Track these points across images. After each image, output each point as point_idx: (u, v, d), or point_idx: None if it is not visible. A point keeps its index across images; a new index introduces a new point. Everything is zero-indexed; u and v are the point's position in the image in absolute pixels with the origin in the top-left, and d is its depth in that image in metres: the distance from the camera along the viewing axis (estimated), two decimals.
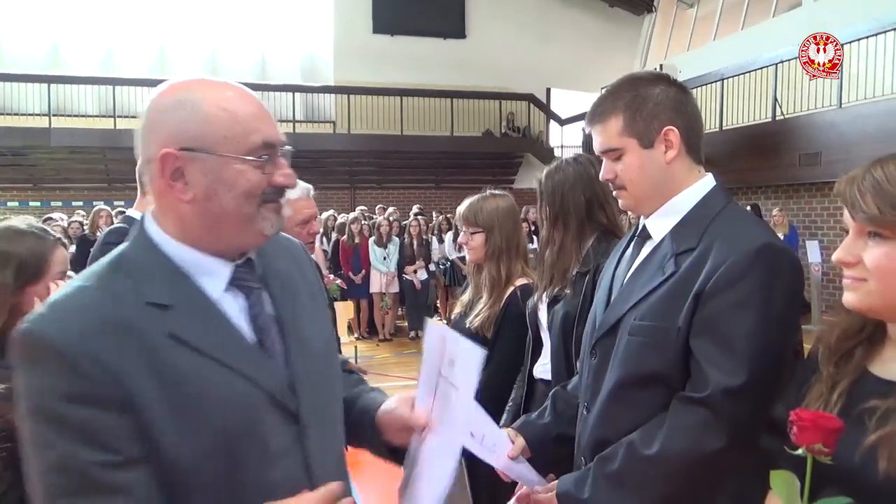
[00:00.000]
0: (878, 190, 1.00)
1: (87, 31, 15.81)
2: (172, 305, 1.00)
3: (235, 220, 1.04)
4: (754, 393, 1.25)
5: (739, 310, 1.28)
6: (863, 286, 1.02)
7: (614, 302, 1.49)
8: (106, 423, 0.92)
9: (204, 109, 1.02)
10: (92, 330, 0.94)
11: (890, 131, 8.79)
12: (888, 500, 0.98)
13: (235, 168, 1.02)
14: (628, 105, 1.45)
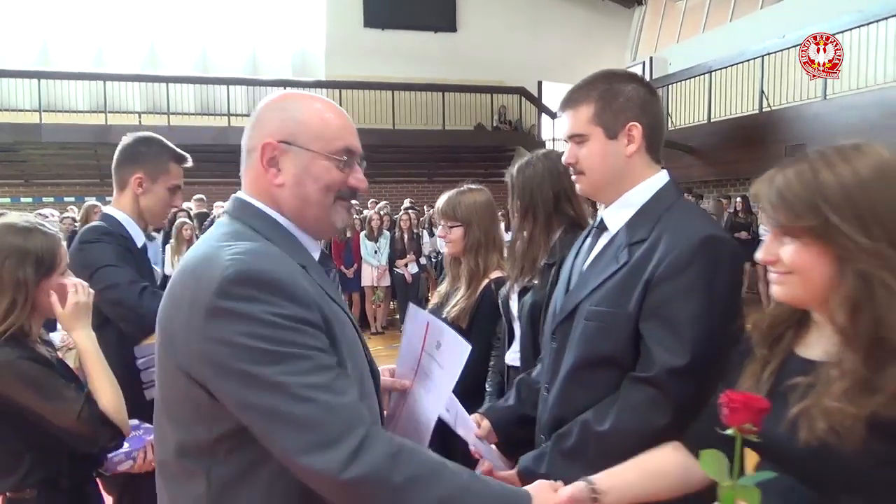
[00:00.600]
0: (780, 198, 1.08)
1: (78, 27, 15.78)
2: (307, 266, 1.20)
3: (317, 208, 1.24)
4: (697, 372, 1.35)
5: (684, 296, 1.37)
6: (788, 280, 1.10)
7: (573, 289, 1.58)
8: (323, 339, 1.11)
9: (303, 113, 1.25)
10: (293, 271, 1.13)
11: (874, 122, 8.89)
12: (809, 466, 1.07)
13: (321, 164, 1.23)
14: (601, 96, 1.54)
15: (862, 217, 1.03)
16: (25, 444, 1.74)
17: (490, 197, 2.54)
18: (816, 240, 1.05)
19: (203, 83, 15.53)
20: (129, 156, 2.37)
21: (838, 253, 1.03)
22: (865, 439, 0.98)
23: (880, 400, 0.98)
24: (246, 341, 1.04)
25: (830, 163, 1.07)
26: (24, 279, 1.73)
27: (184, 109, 15.27)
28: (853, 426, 0.98)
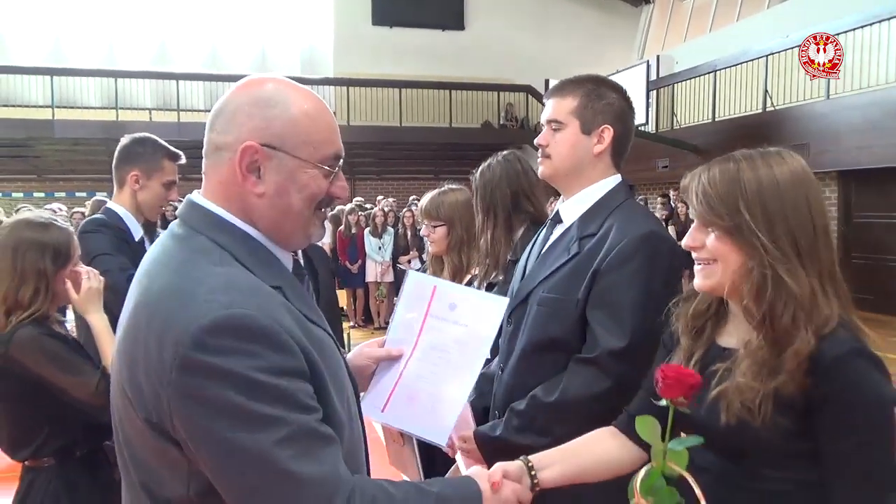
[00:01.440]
0: (704, 193, 1.20)
1: (90, 23, 16.01)
2: (282, 286, 1.05)
3: (298, 221, 1.09)
4: (635, 353, 1.48)
5: (626, 285, 1.52)
6: (710, 268, 1.22)
7: (527, 276, 1.73)
8: (307, 389, 0.98)
9: (292, 112, 1.06)
10: (274, 308, 0.99)
11: (875, 121, 8.94)
12: (731, 444, 1.19)
13: (308, 172, 1.07)
14: (586, 93, 1.69)
15: (771, 219, 1.15)
16: (44, 416, 1.92)
17: (469, 195, 2.65)
18: (731, 234, 1.17)
19: (213, 80, 15.70)
20: (125, 155, 2.59)
21: (747, 248, 1.15)
22: (773, 414, 1.10)
23: (781, 379, 1.10)
24: (224, 401, 0.91)
25: (754, 165, 1.18)
26: (45, 269, 1.91)
27: (194, 106, 15.47)
28: (762, 403, 1.10)
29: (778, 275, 1.12)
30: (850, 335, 1.11)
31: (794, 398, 1.10)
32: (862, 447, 1.09)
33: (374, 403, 1.42)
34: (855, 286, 6.02)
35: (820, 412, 1.10)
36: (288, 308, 1.02)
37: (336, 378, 1.07)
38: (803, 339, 1.09)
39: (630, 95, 1.78)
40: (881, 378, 1.10)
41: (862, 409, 1.08)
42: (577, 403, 1.52)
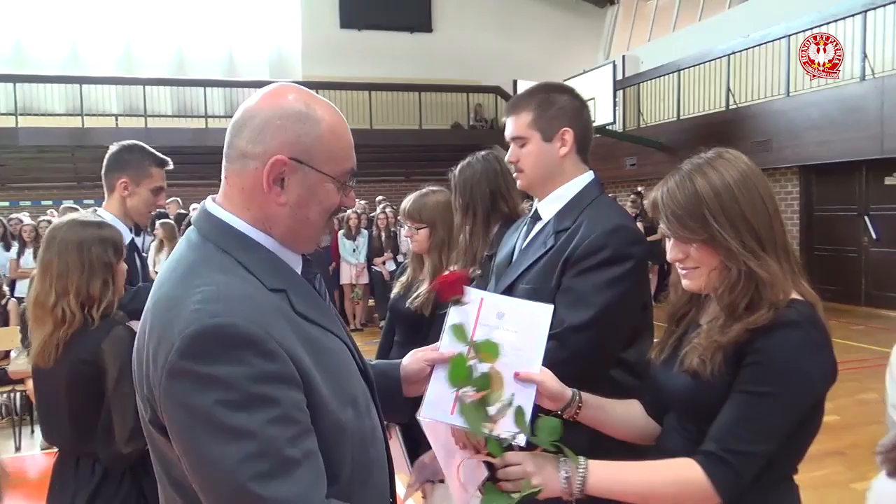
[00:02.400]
0: (674, 215, 1.31)
1: (52, 28, 15.74)
2: (286, 289, 1.09)
3: (313, 230, 1.15)
4: (594, 330, 1.60)
5: (592, 272, 1.63)
6: (695, 273, 1.33)
7: (509, 269, 1.84)
8: (293, 398, 0.98)
9: (321, 129, 1.11)
10: (264, 315, 1.00)
11: (833, 118, 9.24)
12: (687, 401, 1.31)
13: (327, 186, 1.12)
14: (538, 104, 1.79)
15: (734, 222, 1.27)
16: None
17: (449, 196, 2.72)
18: (708, 244, 1.29)
19: (180, 85, 15.57)
20: (114, 163, 2.65)
21: (723, 252, 1.28)
22: (722, 367, 1.23)
23: (731, 335, 1.24)
24: (204, 410, 0.94)
25: (705, 174, 1.30)
26: (110, 262, 2.02)
27: (161, 111, 15.32)
28: (714, 355, 1.24)
29: (750, 269, 1.25)
30: (796, 312, 1.23)
31: (734, 359, 1.23)
32: (760, 397, 1.20)
33: (441, 407, 1.41)
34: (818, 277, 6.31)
35: (744, 364, 1.22)
36: (284, 312, 1.05)
37: (339, 380, 1.09)
38: (760, 314, 1.22)
39: (597, 95, 1.88)
40: (812, 352, 1.21)
41: (777, 369, 1.20)
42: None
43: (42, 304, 1.98)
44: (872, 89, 8.74)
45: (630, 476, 1.24)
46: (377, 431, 1.18)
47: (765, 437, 1.20)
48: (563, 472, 1.22)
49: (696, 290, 1.35)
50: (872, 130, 8.63)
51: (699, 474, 1.20)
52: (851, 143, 8.94)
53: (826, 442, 4.65)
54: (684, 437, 1.32)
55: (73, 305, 1.95)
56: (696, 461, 1.21)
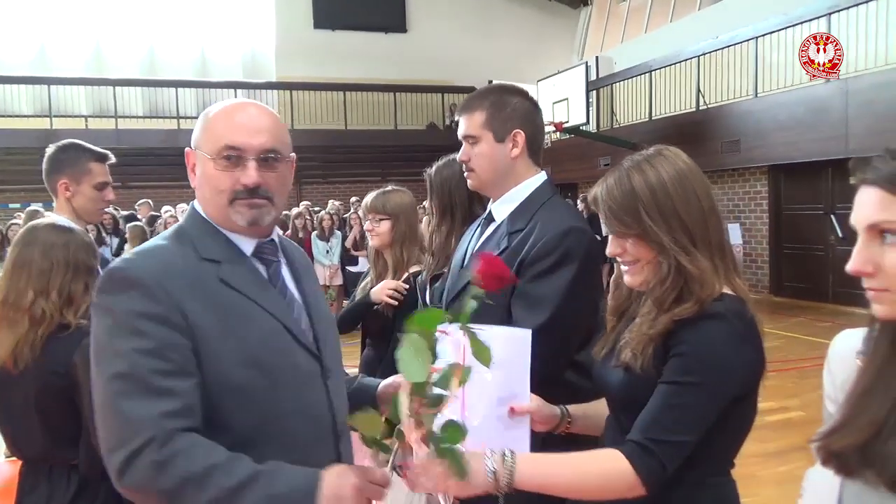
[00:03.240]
0: (611, 210, 1.35)
1: (20, 28, 15.46)
2: (221, 261, 1.27)
3: (214, 208, 1.29)
4: (550, 333, 1.62)
5: (547, 274, 1.65)
6: (636, 268, 1.36)
7: (462, 271, 1.85)
8: (170, 339, 1.15)
9: (208, 116, 1.32)
10: (165, 271, 1.20)
11: (800, 118, 9.42)
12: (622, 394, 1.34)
13: (210, 166, 1.27)
14: (492, 104, 1.81)
15: (667, 218, 1.30)
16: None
17: (413, 198, 2.76)
18: (642, 238, 1.33)
19: (151, 86, 15.39)
20: (51, 165, 2.56)
21: (656, 247, 1.31)
22: (651, 361, 1.27)
23: (658, 328, 1.27)
24: (99, 332, 1.17)
25: (642, 171, 1.34)
26: (92, 266, 1.99)
27: (132, 112, 15.12)
28: (644, 348, 1.27)
29: (680, 264, 1.28)
30: (723, 306, 1.26)
31: (662, 352, 1.27)
32: (683, 387, 1.23)
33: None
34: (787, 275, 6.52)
35: (670, 356, 1.26)
36: (203, 276, 1.23)
37: (243, 341, 1.21)
38: (685, 307, 1.26)
39: (571, 95, 1.91)
40: (737, 345, 1.24)
41: (702, 360, 1.23)
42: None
43: (15, 303, 1.90)
44: (837, 91, 8.92)
45: (557, 469, 1.25)
46: (300, 402, 1.27)
47: (687, 426, 1.22)
48: (490, 466, 1.21)
49: (638, 286, 1.37)
50: (838, 131, 8.81)
51: (624, 464, 1.22)
52: (818, 144, 9.12)
53: (791, 437, 4.72)
54: (621, 430, 1.35)
55: (53, 305, 1.90)
56: (622, 451, 1.23)
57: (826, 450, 0.96)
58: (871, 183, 0.91)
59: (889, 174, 0.89)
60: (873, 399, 0.93)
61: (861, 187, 0.92)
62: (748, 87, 10.51)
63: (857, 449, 0.91)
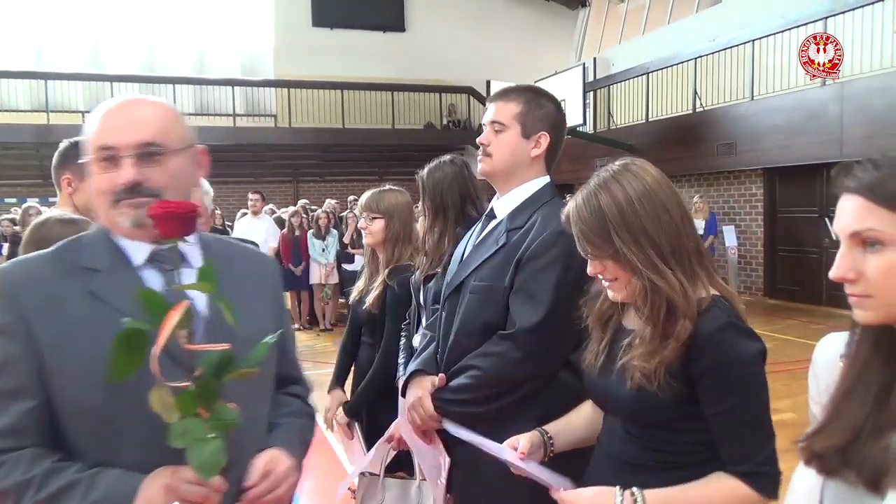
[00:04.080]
0: (583, 233, 1.36)
1: (18, 23, 15.42)
2: (101, 269, 1.18)
3: (102, 211, 1.21)
4: (546, 331, 1.66)
5: (542, 272, 1.69)
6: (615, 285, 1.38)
7: (460, 267, 1.89)
8: (8, 354, 1.11)
9: (95, 117, 1.22)
10: (24, 281, 1.15)
11: (795, 122, 9.47)
12: (633, 409, 1.35)
13: (91, 168, 1.20)
14: (529, 100, 1.85)
15: (636, 237, 1.31)
16: None
17: (409, 198, 2.79)
18: (614, 259, 1.34)
19: (148, 82, 15.36)
20: (59, 159, 2.56)
21: (628, 266, 1.33)
22: (666, 379, 1.27)
23: (667, 354, 1.27)
24: None
25: (609, 190, 1.34)
26: None
27: None
28: (657, 370, 1.27)
29: (654, 283, 1.30)
30: (720, 311, 1.29)
31: (679, 370, 1.28)
32: (739, 405, 1.27)
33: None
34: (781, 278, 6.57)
35: (700, 380, 1.27)
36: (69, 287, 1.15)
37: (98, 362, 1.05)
38: (682, 326, 1.27)
39: (568, 96, 1.94)
40: (746, 343, 1.28)
41: (734, 374, 1.26)
42: (494, 373, 1.71)
43: None
44: (833, 95, 8.97)
45: (684, 501, 1.28)
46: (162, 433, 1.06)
47: (766, 432, 1.29)
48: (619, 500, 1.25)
49: (623, 300, 1.39)
50: (832, 135, 8.87)
51: (746, 490, 1.26)
52: (812, 147, 9.18)
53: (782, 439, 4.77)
54: (634, 443, 1.36)
55: None
56: (742, 479, 1.27)
57: (808, 450, 0.98)
58: (853, 191, 0.93)
59: (870, 182, 0.91)
60: (854, 401, 0.95)
61: (843, 195, 0.94)
62: (744, 90, 10.56)
63: (838, 450, 0.94)
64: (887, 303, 0.91)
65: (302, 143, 15.63)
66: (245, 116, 15.88)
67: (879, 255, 0.90)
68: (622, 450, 1.35)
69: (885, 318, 0.93)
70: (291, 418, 1.37)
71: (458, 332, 1.82)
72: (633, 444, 1.35)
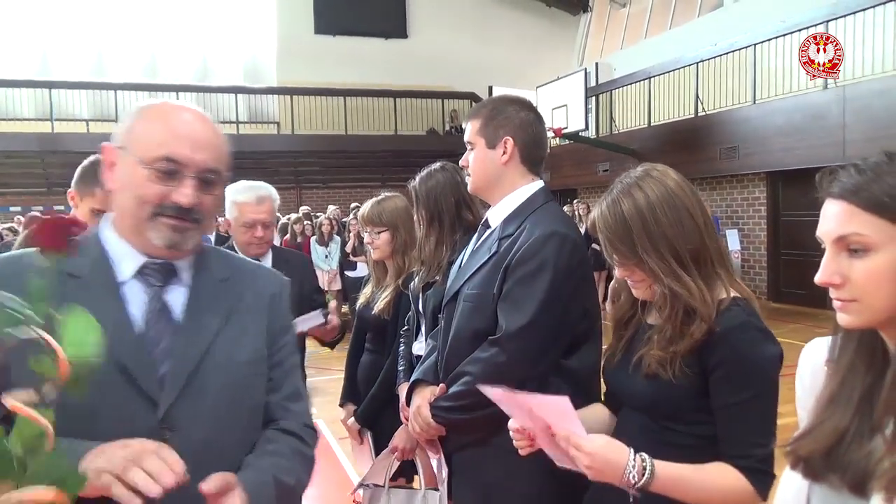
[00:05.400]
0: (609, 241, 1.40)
1: (22, 33, 15.52)
2: (82, 277, 1.12)
3: (130, 219, 1.14)
4: (531, 335, 1.67)
5: (528, 278, 1.69)
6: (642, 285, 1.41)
7: (457, 276, 1.91)
8: None
9: (145, 116, 1.16)
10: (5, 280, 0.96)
11: (797, 125, 9.46)
12: (646, 398, 1.39)
13: (140, 172, 1.12)
14: (489, 111, 1.88)
15: (655, 244, 1.35)
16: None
17: (407, 202, 2.77)
18: (639, 265, 1.38)
19: (152, 90, 15.43)
20: (77, 174, 2.49)
21: (650, 274, 1.37)
22: (682, 369, 1.31)
23: (683, 345, 1.31)
24: None
25: (631, 196, 1.38)
26: None
27: None
28: (672, 360, 1.32)
29: (673, 290, 1.33)
30: (741, 310, 1.32)
31: (695, 360, 1.32)
32: (749, 402, 1.30)
33: None
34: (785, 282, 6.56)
35: (714, 374, 1.31)
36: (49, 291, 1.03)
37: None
38: (698, 326, 1.30)
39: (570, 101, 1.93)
40: (765, 344, 1.31)
41: (747, 371, 1.30)
42: (482, 376, 1.70)
43: None
44: (835, 98, 8.97)
45: (688, 480, 1.30)
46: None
47: (770, 431, 1.32)
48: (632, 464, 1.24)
49: (647, 298, 1.43)
50: (835, 138, 8.86)
51: (745, 483, 1.29)
52: (815, 150, 9.16)
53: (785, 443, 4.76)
54: (648, 437, 1.38)
55: None
56: (741, 472, 1.29)
57: (794, 455, 0.98)
58: (837, 196, 0.93)
59: (854, 187, 0.91)
60: (838, 406, 0.96)
61: (827, 200, 0.95)
62: (746, 94, 10.56)
63: (823, 454, 0.95)
64: (871, 307, 0.91)
65: (305, 150, 15.68)
66: (248, 123, 15.95)
67: (864, 260, 0.91)
68: (636, 446, 1.35)
69: (868, 322, 0.93)
70: (271, 458, 1.19)
71: (453, 340, 1.84)
72: (646, 440, 1.36)
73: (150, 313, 1.15)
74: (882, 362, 0.94)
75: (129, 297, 1.15)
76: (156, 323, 1.15)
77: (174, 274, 1.19)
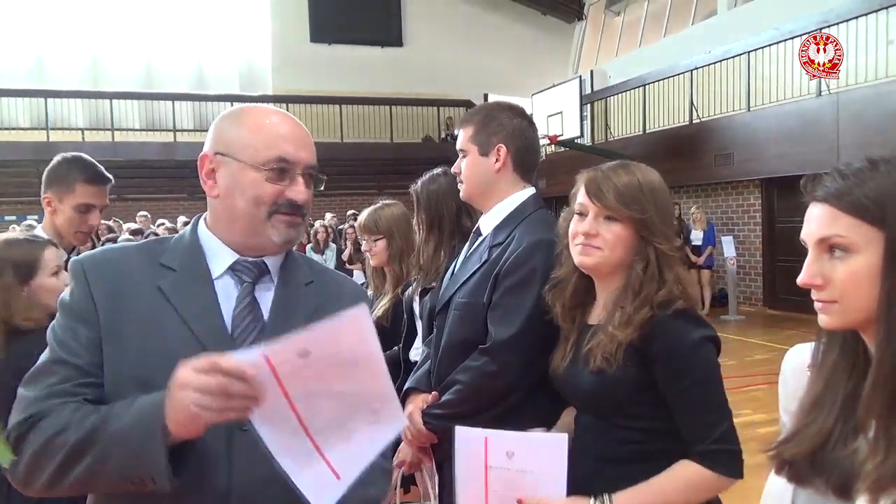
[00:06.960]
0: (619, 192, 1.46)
1: (17, 41, 15.53)
2: (176, 269, 1.18)
3: (246, 221, 1.18)
4: (521, 344, 1.67)
5: (518, 287, 1.69)
6: (593, 250, 1.46)
7: (449, 284, 1.90)
8: (76, 329, 1.13)
9: (242, 122, 1.20)
10: (101, 266, 1.17)
11: (790, 131, 9.50)
12: (592, 395, 1.43)
13: (250, 175, 1.17)
14: (482, 119, 1.88)
15: (663, 214, 1.46)
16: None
17: (405, 209, 2.78)
18: (637, 226, 1.44)
19: (148, 99, 15.44)
20: (45, 177, 2.48)
21: (643, 233, 1.43)
22: (624, 363, 1.37)
23: (629, 332, 1.37)
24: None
25: (642, 171, 1.49)
26: (6, 283, 1.98)
27: (128, 125, 15.17)
28: (617, 351, 1.37)
29: (666, 255, 1.42)
30: (678, 300, 1.39)
31: (636, 352, 1.37)
32: (691, 387, 1.36)
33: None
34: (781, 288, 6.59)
35: (656, 364, 1.38)
36: (144, 281, 1.17)
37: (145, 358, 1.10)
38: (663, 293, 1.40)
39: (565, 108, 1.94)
40: (697, 329, 1.39)
41: (685, 356, 1.37)
42: (473, 385, 1.73)
43: None
44: (828, 104, 9.01)
45: (645, 494, 1.36)
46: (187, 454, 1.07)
47: (722, 410, 1.38)
48: None
49: (590, 266, 1.47)
50: (829, 144, 8.89)
51: (704, 472, 1.34)
52: (809, 157, 9.19)
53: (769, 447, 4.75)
54: (599, 435, 1.43)
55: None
56: (696, 462, 1.34)
57: (779, 458, 0.99)
58: (821, 200, 0.95)
59: (837, 191, 0.93)
60: (822, 409, 0.96)
61: (811, 203, 0.98)
62: (741, 101, 10.60)
63: (807, 457, 0.95)
64: (851, 308, 0.93)
65: None
66: None
67: (845, 262, 0.92)
68: (592, 445, 1.43)
69: (848, 323, 0.94)
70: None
71: (445, 348, 1.84)
72: (603, 441, 1.41)
73: (240, 307, 1.20)
74: (864, 365, 0.94)
75: (221, 291, 1.20)
76: (245, 317, 1.19)
77: (266, 272, 1.23)
